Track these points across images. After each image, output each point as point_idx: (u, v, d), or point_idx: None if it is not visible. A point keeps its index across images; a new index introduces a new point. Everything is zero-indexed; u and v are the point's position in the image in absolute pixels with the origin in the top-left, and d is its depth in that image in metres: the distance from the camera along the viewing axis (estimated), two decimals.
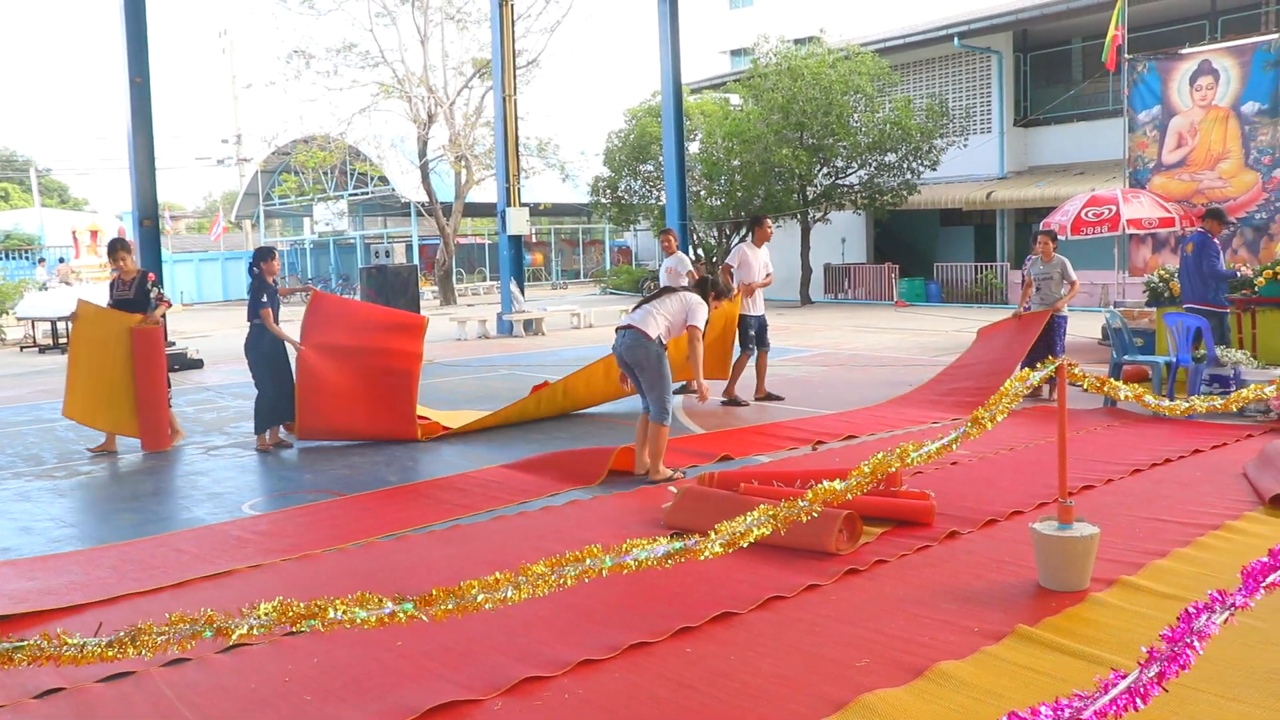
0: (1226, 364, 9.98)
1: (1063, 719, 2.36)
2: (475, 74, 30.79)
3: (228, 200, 55.41)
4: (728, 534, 3.35)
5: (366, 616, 2.87)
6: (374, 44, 31.88)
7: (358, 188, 39.37)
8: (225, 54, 64.73)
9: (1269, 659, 4.02)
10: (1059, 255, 10.83)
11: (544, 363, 15.81)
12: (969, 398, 10.14)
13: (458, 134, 30.84)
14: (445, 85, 31.16)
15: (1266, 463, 6.94)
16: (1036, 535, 4.94)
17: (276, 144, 36.24)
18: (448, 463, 8.54)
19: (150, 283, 9.49)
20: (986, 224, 28.76)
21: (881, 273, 29.14)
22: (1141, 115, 15.96)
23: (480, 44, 30.84)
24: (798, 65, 26.41)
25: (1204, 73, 15.22)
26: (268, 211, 45.05)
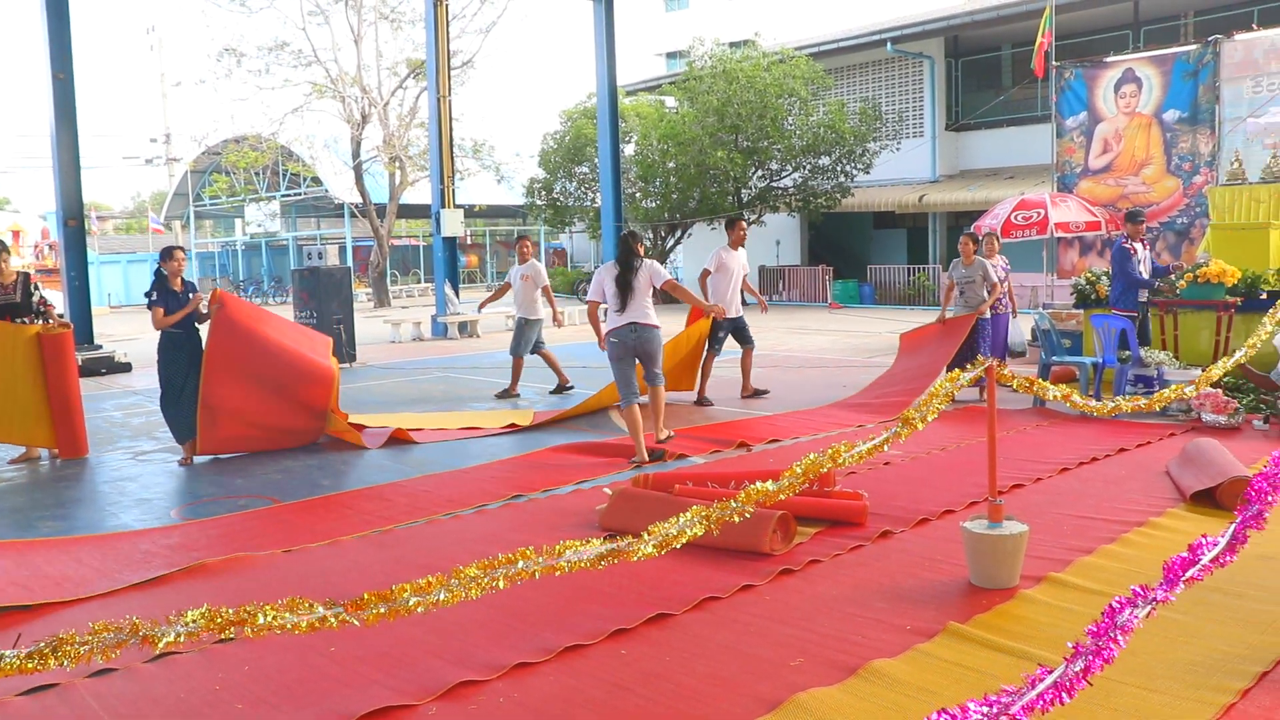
0: (1150, 365, 10.19)
1: (991, 715, 2.40)
2: (410, 74, 30.54)
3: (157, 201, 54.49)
4: (661, 535, 3.35)
5: (297, 622, 2.83)
6: (307, 43, 31.53)
7: (290, 189, 38.89)
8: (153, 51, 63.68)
9: (1190, 651, 4.11)
10: (979, 258, 10.95)
11: (479, 364, 15.73)
12: (896, 401, 10.26)
13: (392, 135, 30.57)
14: (379, 85, 30.88)
15: (1188, 461, 7.10)
16: (967, 534, 5.00)
17: (207, 144, 35.66)
18: (383, 468, 8.46)
19: (33, 285, 9.22)
20: (919, 226, 29.14)
21: (816, 275, 29.40)
22: (1069, 121, 16.27)
23: (415, 44, 30.61)
24: (733, 68, 26.57)
25: (1128, 81, 15.56)
26: (198, 212, 44.34)
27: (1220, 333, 10.78)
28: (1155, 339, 11.16)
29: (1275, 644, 4.17)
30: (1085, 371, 10.56)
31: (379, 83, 30.89)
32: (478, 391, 12.65)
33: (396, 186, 31.40)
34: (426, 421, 10.39)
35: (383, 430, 9.72)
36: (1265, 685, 3.81)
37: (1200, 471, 6.75)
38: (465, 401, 11.89)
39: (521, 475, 7.82)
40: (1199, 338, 11.05)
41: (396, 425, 10.12)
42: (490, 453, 8.86)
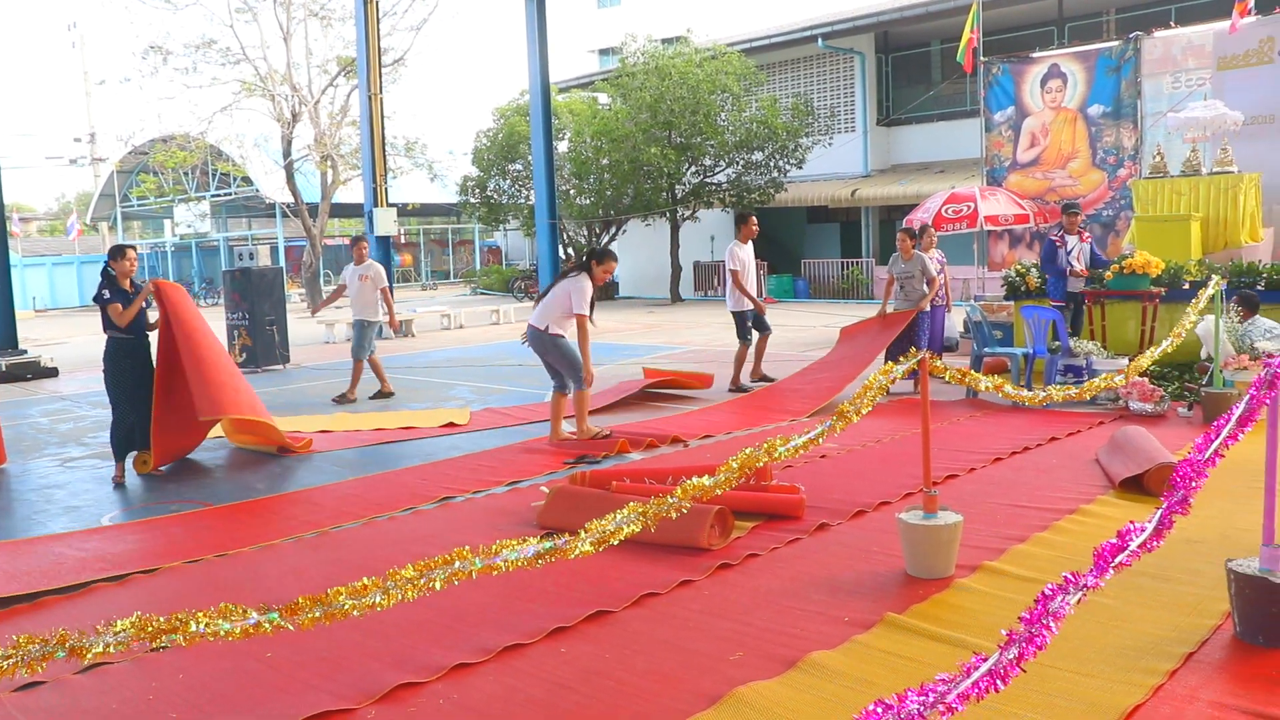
0: (1079, 355, 10.38)
1: (928, 704, 2.42)
2: (340, 72, 30.17)
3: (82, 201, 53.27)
4: (598, 532, 3.35)
5: (231, 628, 2.79)
6: (235, 40, 31.02)
7: (220, 188, 38.26)
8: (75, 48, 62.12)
9: (1120, 635, 4.19)
10: (918, 253, 11.08)
11: (413, 364, 15.62)
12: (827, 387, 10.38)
13: (323, 133, 30.19)
14: (309, 84, 30.47)
15: (1116, 449, 7.24)
16: (903, 525, 5.06)
17: (133, 143, 34.93)
18: (319, 469, 8.36)
19: None
20: (852, 221, 29.40)
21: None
22: (997, 116, 16.50)
23: (345, 41, 30.23)
24: (665, 65, 26.60)
25: (1053, 76, 15.82)
26: (125, 213, 43.48)
27: (1146, 323, 11.01)
28: (1084, 329, 11.37)
29: (1201, 625, 4.27)
30: (1016, 362, 10.73)
31: (309, 81, 30.51)
32: (414, 392, 12.55)
33: (329, 185, 31.01)
34: (363, 422, 10.28)
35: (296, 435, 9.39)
36: (1191, 666, 3.90)
37: (1128, 459, 6.88)
38: (401, 402, 11.79)
39: (458, 475, 7.77)
40: (1126, 328, 11.29)
41: (331, 427, 10.01)
42: (426, 453, 8.80)
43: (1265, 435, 4.26)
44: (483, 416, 10.43)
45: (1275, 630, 4.05)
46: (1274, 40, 13.64)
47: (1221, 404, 8.04)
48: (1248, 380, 7.86)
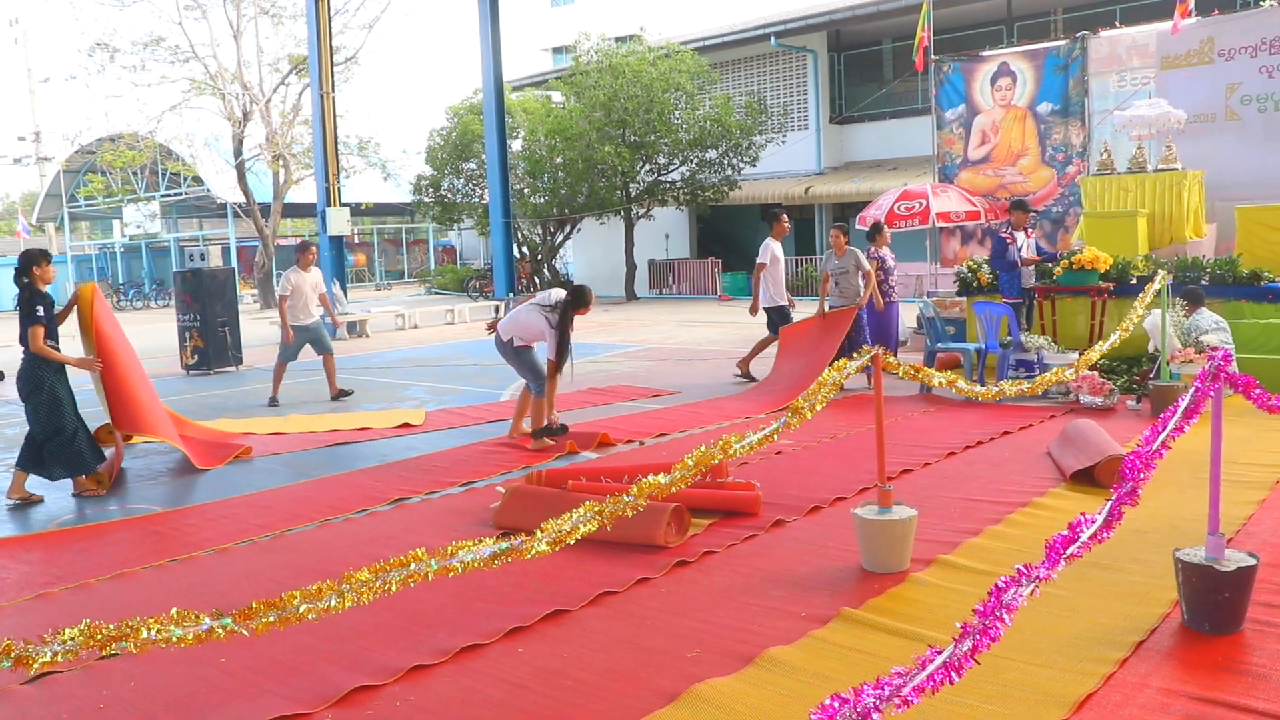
0: (1031, 349, 10.50)
1: (884, 698, 2.44)
2: (292, 70, 29.90)
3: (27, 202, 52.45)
4: (554, 532, 3.34)
5: (183, 634, 2.76)
6: (184, 38, 30.58)
7: (170, 188, 37.76)
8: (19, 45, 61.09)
9: (1072, 625, 4.24)
10: (852, 248, 11.12)
11: (368, 365, 15.51)
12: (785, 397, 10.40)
13: (275, 132, 29.90)
14: (261, 82, 30.17)
15: (1067, 442, 7.34)
16: (858, 520, 5.09)
17: (80, 142, 34.42)
18: (272, 472, 8.27)
19: None
20: (805, 218, 29.52)
21: (705, 267, 29.63)
22: (948, 113, 16.64)
23: (297, 40, 29.98)
24: (619, 63, 26.60)
25: (1003, 74, 15.98)
26: (73, 213, 42.80)
27: (1095, 317, 11.16)
28: (1035, 324, 11.50)
29: (1150, 614, 4.34)
30: (969, 357, 10.83)
31: (260, 79, 30.22)
32: (368, 392, 12.46)
33: (281, 185, 30.73)
34: (317, 423, 10.20)
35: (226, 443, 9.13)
36: (1141, 654, 3.96)
37: (1079, 451, 6.98)
38: (357, 402, 11.71)
39: (414, 476, 7.72)
40: (1076, 322, 11.43)
41: (284, 429, 9.91)
42: (381, 454, 8.74)
43: (1210, 427, 4.33)
44: (438, 417, 10.38)
45: (1221, 617, 4.13)
46: (1214, 41, 13.86)
47: (1169, 396, 8.16)
48: (1194, 373, 7.98)
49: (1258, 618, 4.22)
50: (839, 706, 2.40)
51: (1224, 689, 3.63)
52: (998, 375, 10.48)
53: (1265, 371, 9.16)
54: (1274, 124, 13.49)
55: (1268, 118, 13.53)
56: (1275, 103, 13.48)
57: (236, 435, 9.52)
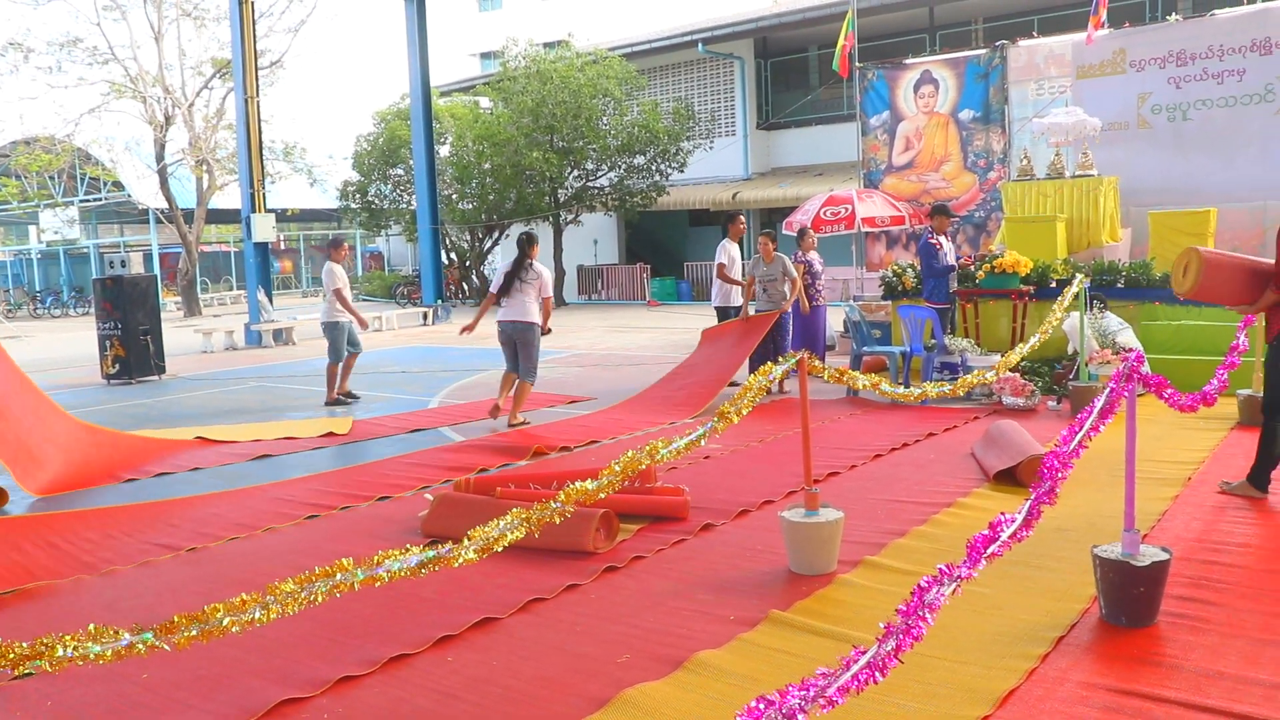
0: (954, 352, 10.67)
1: (809, 698, 2.47)
2: (215, 74, 29.42)
3: None
4: (482, 539, 3.34)
5: (101, 651, 2.70)
6: (102, 39, 30.04)
7: (89, 193, 36.94)
8: None
9: (996, 622, 4.32)
10: (780, 255, 11.21)
11: (294, 372, 15.32)
12: (698, 393, 10.45)
13: (198, 137, 29.40)
14: (183, 86, 29.64)
15: (990, 443, 7.47)
16: (785, 523, 5.14)
17: None
18: (195, 483, 8.13)
19: None
20: None
21: (634, 273, 29.71)
22: (873, 120, 16.86)
23: (220, 43, 29.53)
24: (547, 69, 26.59)
25: (926, 82, 16.24)
26: None
27: (1016, 320, 11.38)
28: (959, 327, 11.69)
29: (1070, 610, 4.44)
30: (894, 360, 10.98)
31: (183, 83, 29.69)
32: (295, 400, 12.31)
33: (204, 191, 30.22)
34: (240, 433, 10.05)
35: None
36: (1062, 649, 4.05)
37: (1001, 452, 7.11)
38: (282, 411, 11.56)
39: (341, 485, 7.63)
40: (998, 325, 11.65)
41: (208, 437, 9.75)
42: (307, 463, 8.63)
43: (1125, 426, 4.45)
44: (365, 425, 10.28)
45: (1137, 611, 4.24)
46: (1125, 52, 14.23)
47: (1088, 397, 8.34)
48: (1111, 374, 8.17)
49: (1171, 610, 4.34)
50: (764, 709, 2.43)
51: (1140, 680, 3.73)
52: (922, 378, 10.64)
53: (1178, 372, 9.40)
54: (1182, 133, 13.88)
55: (1176, 126, 13.91)
56: (1183, 112, 13.87)
57: (171, 445, 9.36)
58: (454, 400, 11.75)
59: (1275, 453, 6.09)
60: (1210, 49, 13.61)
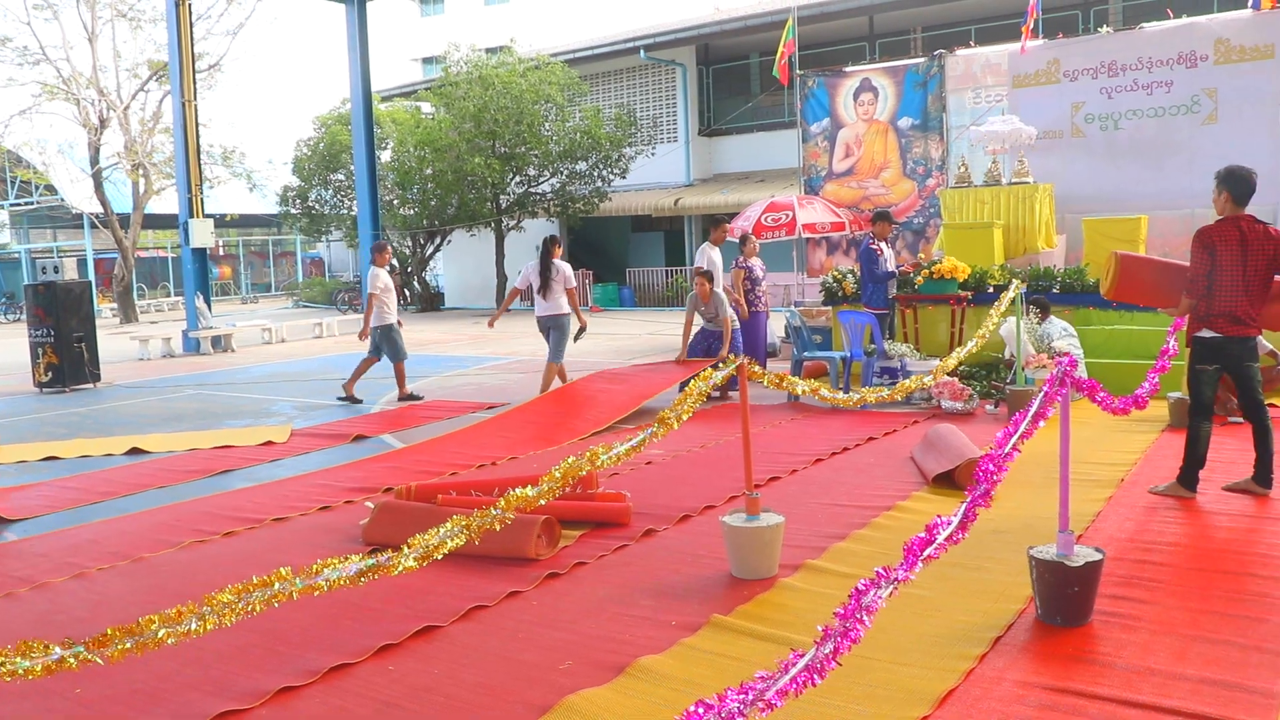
0: (894, 357, 10.79)
1: (748, 702, 2.49)
2: (151, 76, 28.95)
3: None
4: (422, 547, 3.32)
5: (30, 666, 2.65)
6: (33, 39, 29.41)
7: (20, 197, 36.20)
8: None
9: (935, 623, 4.38)
10: (717, 292, 11.16)
11: (233, 380, 15.13)
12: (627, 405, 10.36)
13: (134, 141, 28.92)
14: (118, 88, 29.14)
15: (929, 446, 7.56)
16: (726, 527, 5.17)
17: None
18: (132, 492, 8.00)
19: None
20: (676, 229, 29.83)
21: (576, 279, 29.63)
22: (813, 127, 16.99)
23: (156, 45, 29.07)
24: (489, 74, 26.52)
25: (865, 89, 16.39)
26: None
27: (955, 325, 11.53)
28: (898, 332, 11.83)
29: (1007, 610, 4.51)
30: (835, 366, 11.08)
31: (118, 85, 29.19)
32: (234, 408, 12.16)
33: (141, 195, 29.74)
34: (177, 442, 9.90)
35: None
36: (999, 649, 4.12)
37: (940, 455, 7.20)
38: (220, 419, 11.41)
39: (280, 495, 7.54)
40: (937, 330, 11.79)
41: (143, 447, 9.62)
42: (245, 473, 8.53)
43: (1059, 429, 4.53)
44: (305, 433, 10.18)
45: (1071, 610, 4.31)
46: (1059, 63, 14.49)
47: (1024, 400, 8.46)
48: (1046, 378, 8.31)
49: (1104, 609, 4.43)
50: (704, 713, 2.45)
51: (1074, 678, 3.80)
52: (863, 382, 10.74)
53: (1112, 375, 9.58)
54: (1114, 142, 14.16)
55: (1109, 136, 14.18)
56: (1114, 122, 14.15)
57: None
58: (395, 407, 11.67)
59: (1201, 453, 6.25)
60: (1140, 61, 13.90)
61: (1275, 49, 12.98)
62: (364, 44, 21.86)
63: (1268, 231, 6.03)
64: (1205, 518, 5.95)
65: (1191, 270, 6.12)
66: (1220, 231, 6.05)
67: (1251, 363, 6.23)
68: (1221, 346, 6.14)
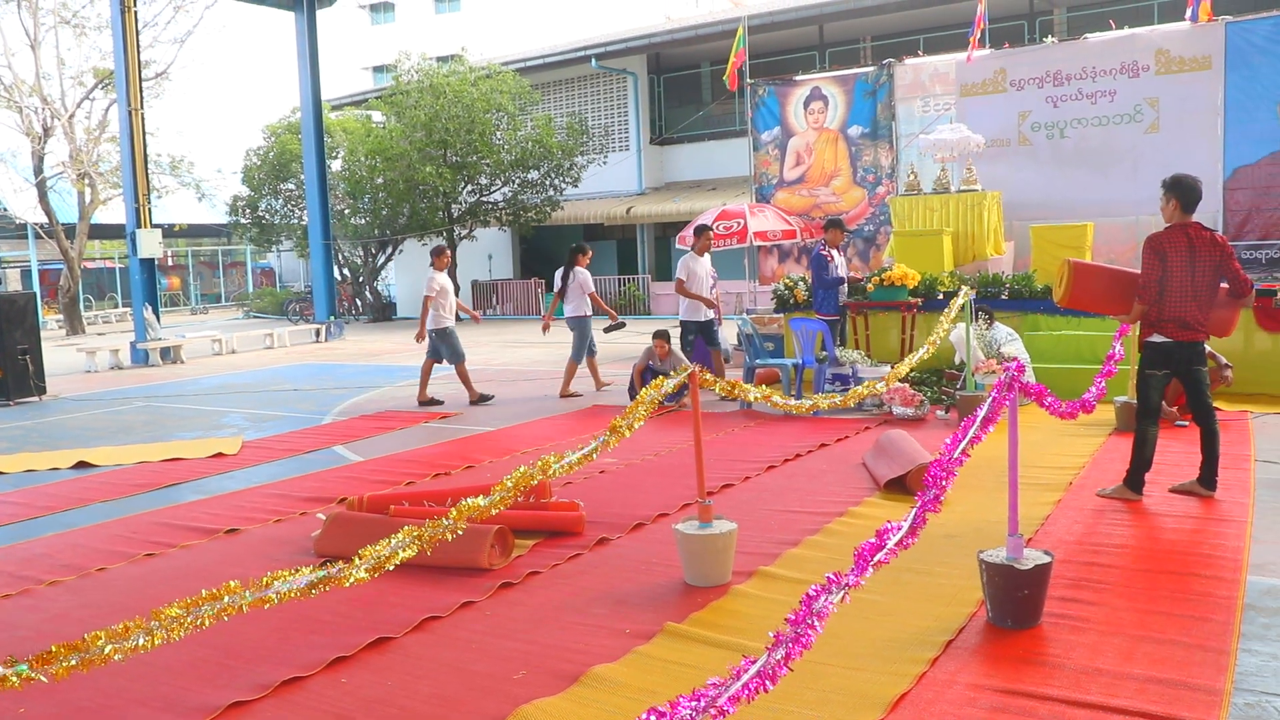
0: (846, 364, 10.86)
1: (699, 709, 2.50)
2: (97, 84, 28.54)
3: None
4: (373, 558, 3.30)
5: None
6: None
7: None
8: None
9: (887, 628, 4.41)
10: (675, 351, 11.19)
11: (182, 392, 14.95)
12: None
13: (79, 150, 28.48)
14: (63, 96, 28.68)
15: (880, 452, 7.62)
16: (680, 535, 5.18)
17: None
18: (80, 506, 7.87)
19: None
20: (628, 238, 29.87)
21: (529, 288, 29.65)
22: (764, 135, 17.10)
23: (102, 52, 28.63)
24: (440, 83, 26.42)
25: (816, 98, 16.52)
26: None
27: (905, 331, 11.63)
28: (849, 339, 11.90)
29: (959, 614, 4.55)
30: (787, 372, 11.13)
31: (62, 93, 28.74)
32: (184, 420, 12.01)
33: (87, 205, 29.28)
34: (125, 455, 9.76)
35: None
36: (951, 652, 4.15)
37: (891, 461, 7.25)
38: (170, 431, 11.26)
39: (233, 507, 7.46)
40: (888, 336, 11.89)
41: (91, 460, 9.47)
42: (195, 485, 8.42)
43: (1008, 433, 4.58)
44: (256, 445, 10.07)
45: (1021, 613, 4.36)
46: (1006, 72, 14.70)
47: (974, 406, 8.55)
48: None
49: (1054, 611, 4.48)
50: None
51: (1025, 680, 3.85)
52: (815, 389, 10.80)
53: (1060, 380, 9.72)
54: (1060, 149, 14.38)
55: (1054, 144, 14.40)
56: (1060, 130, 14.37)
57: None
58: (347, 417, 11.58)
59: (1148, 455, 6.36)
60: (1084, 70, 14.13)
61: (1213, 60, 13.25)
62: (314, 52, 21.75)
63: (1214, 239, 6.16)
64: (1152, 519, 6.04)
65: (1143, 276, 6.23)
66: (1170, 238, 6.17)
67: (1200, 367, 6.35)
68: (1172, 351, 6.26)
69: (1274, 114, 12.96)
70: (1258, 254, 13.00)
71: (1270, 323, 10.20)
